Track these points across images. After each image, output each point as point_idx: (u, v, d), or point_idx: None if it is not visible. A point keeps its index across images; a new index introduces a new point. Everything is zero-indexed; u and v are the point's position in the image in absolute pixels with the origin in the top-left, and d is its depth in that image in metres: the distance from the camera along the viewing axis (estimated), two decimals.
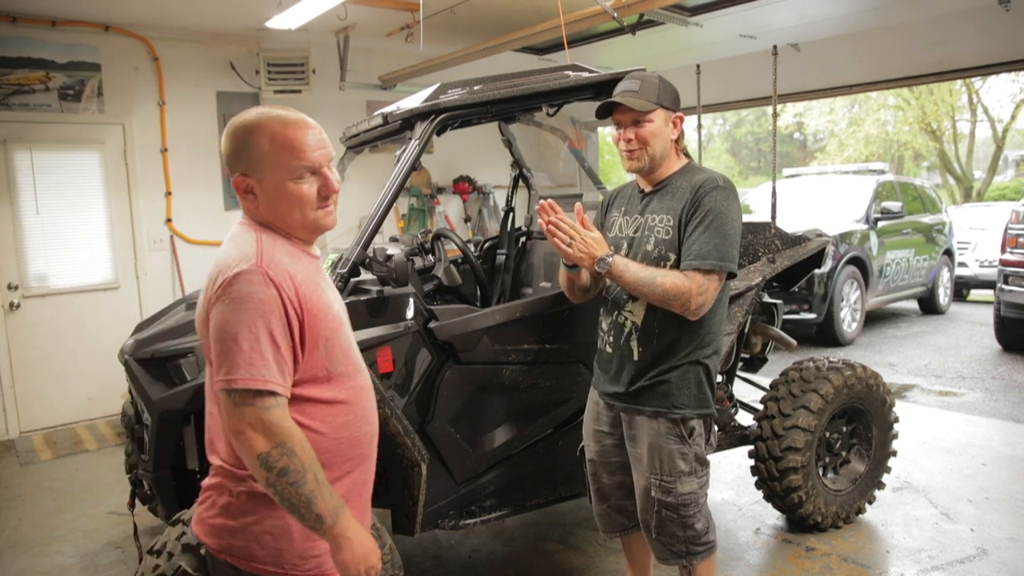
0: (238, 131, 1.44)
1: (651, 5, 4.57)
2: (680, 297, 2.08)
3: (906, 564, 3.16)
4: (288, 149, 1.41)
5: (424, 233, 3.39)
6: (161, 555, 2.10)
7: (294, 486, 1.32)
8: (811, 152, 24.10)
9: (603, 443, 2.44)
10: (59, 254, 5.46)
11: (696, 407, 2.24)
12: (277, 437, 1.32)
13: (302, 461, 1.34)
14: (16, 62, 5.20)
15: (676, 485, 2.22)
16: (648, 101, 2.19)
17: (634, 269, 2.14)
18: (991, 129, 19.34)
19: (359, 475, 1.57)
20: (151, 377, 2.59)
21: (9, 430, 5.34)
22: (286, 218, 1.46)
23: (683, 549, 2.28)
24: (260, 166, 1.43)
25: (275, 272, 1.38)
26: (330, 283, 1.58)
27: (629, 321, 2.27)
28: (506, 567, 3.25)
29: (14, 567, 3.39)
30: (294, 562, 1.45)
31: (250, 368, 1.32)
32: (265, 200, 1.45)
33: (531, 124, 4.02)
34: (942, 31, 6.08)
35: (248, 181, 1.44)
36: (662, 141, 2.22)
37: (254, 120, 1.44)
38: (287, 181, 1.43)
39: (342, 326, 1.52)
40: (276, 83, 6.00)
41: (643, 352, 2.25)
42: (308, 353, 1.42)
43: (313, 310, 1.42)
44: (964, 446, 4.58)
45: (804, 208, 8.20)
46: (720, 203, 2.14)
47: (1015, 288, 6.77)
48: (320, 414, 1.46)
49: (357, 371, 1.55)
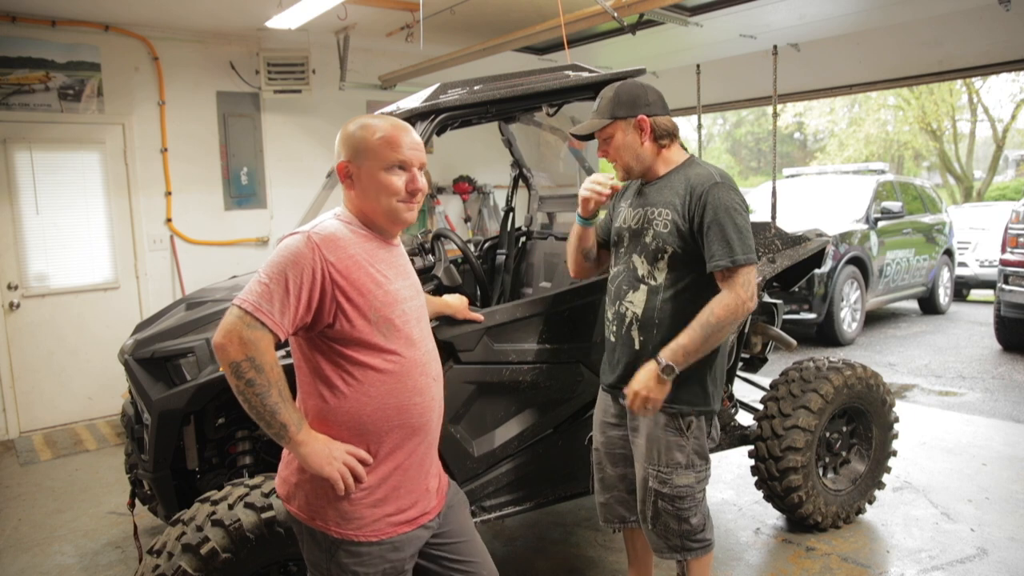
0: (351, 126, 1.71)
1: (651, 5, 4.56)
2: (737, 310, 2.11)
3: (906, 564, 3.17)
4: (387, 143, 1.67)
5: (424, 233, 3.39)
6: (161, 555, 2.10)
7: (259, 396, 1.55)
8: (811, 152, 24.11)
9: (608, 434, 2.47)
10: (59, 254, 5.46)
11: (695, 403, 2.25)
12: (250, 352, 1.53)
13: (268, 378, 1.55)
14: (16, 62, 5.20)
15: (672, 477, 2.24)
16: (602, 118, 2.26)
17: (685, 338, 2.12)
18: (991, 129, 19.35)
19: (413, 446, 1.72)
20: (151, 377, 2.59)
21: (9, 430, 5.34)
22: (373, 204, 1.70)
23: (678, 543, 2.30)
24: (362, 155, 1.68)
25: (321, 238, 1.61)
26: (402, 267, 1.78)
27: (630, 311, 2.30)
28: (506, 567, 3.24)
29: (14, 567, 3.39)
30: (338, 521, 1.65)
31: (257, 297, 1.56)
32: (360, 185, 1.70)
33: (531, 124, 4.02)
34: (942, 31, 6.07)
35: (350, 167, 1.70)
36: (629, 150, 2.27)
37: (365, 119, 1.72)
38: (381, 171, 1.67)
39: (399, 303, 1.70)
40: (276, 83, 6.00)
41: (644, 342, 2.27)
42: (355, 318, 1.62)
43: (358, 282, 1.62)
44: (964, 446, 4.58)
45: (804, 208, 8.21)
46: (724, 199, 2.15)
47: (1015, 288, 6.77)
48: (368, 378, 1.65)
49: (412, 345, 1.72)
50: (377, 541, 1.66)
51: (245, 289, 1.60)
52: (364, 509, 1.65)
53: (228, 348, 1.54)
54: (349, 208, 1.74)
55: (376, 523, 1.66)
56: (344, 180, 1.73)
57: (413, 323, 1.75)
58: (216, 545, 2.06)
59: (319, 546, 1.68)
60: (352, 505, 1.65)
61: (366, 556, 1.65)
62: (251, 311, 1.55)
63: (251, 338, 1.54)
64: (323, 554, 1.67)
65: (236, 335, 1.54)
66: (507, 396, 2.79)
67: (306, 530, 1.69)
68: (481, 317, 2.63)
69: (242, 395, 1.56)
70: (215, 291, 3.12)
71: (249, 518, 2.12)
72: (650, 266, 2.26)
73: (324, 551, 1.67)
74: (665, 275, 2.24)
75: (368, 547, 1.66)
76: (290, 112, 6.41)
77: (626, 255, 2.35)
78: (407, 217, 1.72)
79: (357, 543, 1.65)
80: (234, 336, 1.54)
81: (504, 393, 2.78)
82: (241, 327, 1.54)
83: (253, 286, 1.58)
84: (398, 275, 1.74)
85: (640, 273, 2.28)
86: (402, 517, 1.71)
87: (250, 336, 1.54)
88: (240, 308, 1.56)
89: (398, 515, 1.70)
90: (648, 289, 2.26)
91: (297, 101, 6.28)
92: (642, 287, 2.27)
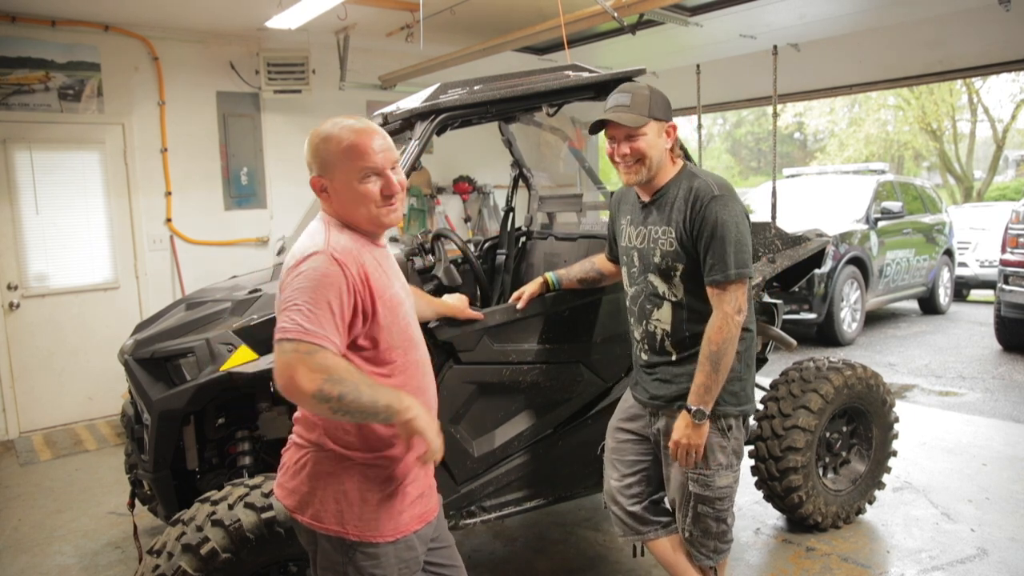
0: (316, 139, 1.67)
1: (651, 5, 4.56)
2: (728, 330, 2.13)
3: (906, 564, 3.16)
4: (354, 153, 1.63)
5: (424, 233, 3.38)
6: (161, 555, 2.10)
7: (355, 402, 1.49)
8: (811, 152, 24.11)
9: (619, 439, 2.49)
10: (59, 254, 5.46)
11: (734, 403, 2.27)
12: (323, 373, 1.47)
13: (352, 381, 1.49)
14: (16, 62, 5.20)
15: (715, 479, 2.26)
16: (640, 115, 2.21)
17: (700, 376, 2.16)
18: (991, 129, 19.35)
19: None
20: (151, 377, 2.59)
21: (9, 430, 5.34)
22: (353, 213, 1.68)
23: (712, 546, 2.33)
24: (332, 168, 1.65)
25: (340, 254, 1.59)
26: (393, 268, 1.78)
27: (659, 328, 2.32)
28: (506, 567, 3.24)
29: (14, 567, 3.39)
30: (355, 523, 1.64)
31: (305, 323, 1.49)
32: (336, 198, 1.68)
33: (531, 124, 4.02)
34: (942, 31, 6.07)
35: (323, 181, 1.67)
36: (657, 152, 2.24)
37: (328, 130, 1.67)
38: (354, 181, 1.64)
39: (401, 305, 1.71)
40: (276, 83, 6.00)
41: (680, 353, 2.29)
42: (372, 323, 1.62)
43: (376, 286, 1.63)
44: (964, 446, 4.58)
45: (804, 208, 8.20)
46: (722, 214, 2.14)
47: (1015, 288, 6.77)
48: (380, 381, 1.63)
49: (414, 346, 1.75)
50: (393, 541, 1.67)
51: (284, 321, 1.51)
52: (380, 510, 1.66)
53: (299, 382, 1.46)
54: (329, 215, 1.72)
55: (392, 522, 1.68)
56: (320, 194, 1.70)
57: (412, 325, 1.76)
58: (216, 545, 2.06)
59: (336, 551, 1.66)
60: (369, 506, 1.65)
61: (383, 557, 1.66)
62: (305, 339, 1.48)
63: (316, 363, 1.47)
64: (341, 558, 1.66)
65: (300, 368, 1.46)
66: (507, 396, 2.79)
67: (321, 538, 1.67)
68: (482, 316, 2.63)
69: (339, 413, 1.50)
70: (215, 291, 3.12)
71: (249, 518, 2.12)
72: (667, 284, 2.28)
73: (342, 555, 1.66)
74: (683, 290, 2.25)
75: (385, 547, 1.67)
76: (290, 112, 6.41)
77: (640, 275, 2.36)
78: (391, 220, 1.70)
79: (375, 544, 1.66)
80: (299, 370, 1.46)
81: (504, 393, 2.78)
82: (301, 359, 1.47)
83: (293, 315, 1.50)
84: (393, 277, 1.75)
85: (660, 291, 2.30)
86: (414, 514, 1.73)
87: (314, 362, 1.47)
88: (291, 341, 1.48)
89: (410, 512, 1.72)
90: (672, 305, 2.28)
91: (297, 101, 6.28)
92: (666, 304, 2.29)
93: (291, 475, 1.70)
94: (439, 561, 1.86)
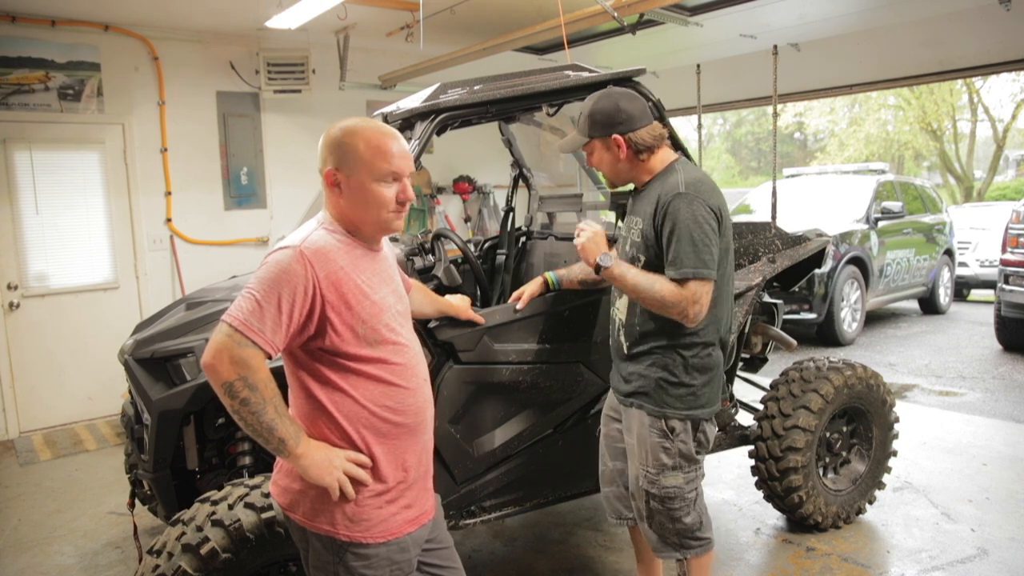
0: (339, 132, 1.65)
1: (651, 5, 4.56)
2: (677, 305, 2.12)
3: (906, 564, 3.16)
4: (378, 153, 1.62)
5: (424, 233, 3.38)
6: (161, 555, 2.10)
7: (255, 415, 1.52)
8: (811, 152, 24.11)
9: (610, 427, 2.55)
10: (59, 254, 5.46)
11: (679, 408, 2.26)
12: (243, 371, 1.50)
13: (263, 395, 1.52)
14: (16, 62, 5.20)
15: (659, 478, 2.28)
16: (581, 135, 2.32)
17: (633, 274, 2.21)
18: (991, 129, 19.35)
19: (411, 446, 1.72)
20: (151, 377, 2.59)
21: (9, 430, 5.34)
22: (361, 214, 1.66)
23: (676, 541, 2.34)
24: (352, 164, 1.63)
25: (312, 253, 1.57)
26: (385, 272, 1.75)
27: (617, 318, 2.39)
28: (506, 567, 3.25)
29: (14, 567, 3.39)
30: (346, 524, 1.64)
31: (247, 315, 1.52)
32: (349, 194, 1.65)
33: (531, 124, 4.02)
34: (942, 31, 6.07)
35: (338, 175, 1.64)
36: (608, 166, 2.33)
37: (354, 124, 1.66)
38: (372, 181, 1.63)
39: (385, 312, 1.68)
40: (276, 83, 6.00)
41: (630, 347, 2.34)
42: (343, 330, 1.60)
43: (347, 295, 1.60)
44: (964, 446, 4.58)
45: (804, 208, 8.19)
46: (683, 211, 2.14)
47: (1016, 288, 6.76)
48: (360, 385, 1.64)
49: (400, 351, 1.71)
50: (384, 542, 1.67)
51: (235, 304, 1.55)
52: (371, 510, 1.66)
53: (219, 368, 1.50)
54: (333, 215, 1.70)
55: (383, 524, 1.67)
56: (332, 188, 1.67)
57: (399, 329, 1.74)
58: (216, 545, 2.06)
59: (327, 550, 1.66)
60: (360, 507, 1.65)
61: (374, 558, 1.66)
62: (241, 329, 1.50)
63: (242, 357, 1.50)
64: (331, 558, 1.66)
65: (227, 354, 1.50)
66: (507, 396, 2.79)
67: (312, 536, 1.67)
68: (483, 320, 2.63)
69: (237, 414, 1.53)
70: (215, 291, 3.12)
71: (249, 518, 2.12)
72: None
73: (332, 555, 1.65)
74: None
75: (376, 548, 1.66)
76: (290, 112, 6.41)
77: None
78: (397, 226, 1.70)
79: (366, 545, 1.65)
80: (224, 356, 1.50)
81: (504, 393, 2.78)
82: (231, 346, 1.50)
83: (243, 302, 1.54)
84: (382, 282, 1.73)
85: None
86: (407, 516, 1.72)
87: (241, 355, 1.50)
88: (230, 326, 1.51)
89: (403, 514, 1.71)
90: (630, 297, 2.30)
91: (297, 101, 6.28)
92: (625, 295, 2.32)
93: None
94: (437, 562, 1.86)
